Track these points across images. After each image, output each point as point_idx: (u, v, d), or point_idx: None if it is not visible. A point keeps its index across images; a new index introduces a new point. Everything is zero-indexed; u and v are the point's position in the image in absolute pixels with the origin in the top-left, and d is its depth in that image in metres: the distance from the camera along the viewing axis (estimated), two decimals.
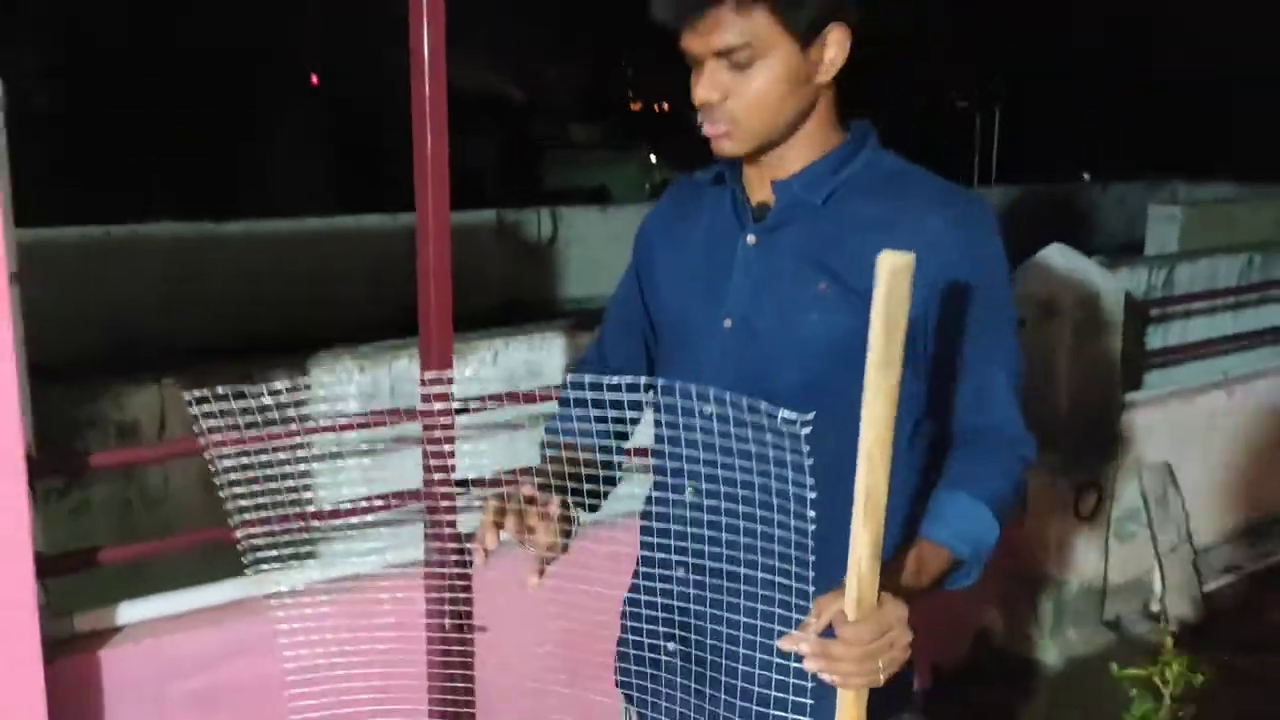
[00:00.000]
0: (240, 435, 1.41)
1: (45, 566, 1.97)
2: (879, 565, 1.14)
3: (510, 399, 1.97)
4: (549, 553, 1.36)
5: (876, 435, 1.02)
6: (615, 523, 2.68)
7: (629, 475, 1.78)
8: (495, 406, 1.89)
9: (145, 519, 2.82)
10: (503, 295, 6.04)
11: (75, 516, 2.06)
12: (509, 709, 2.51)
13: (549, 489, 1.39)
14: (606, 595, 1.89)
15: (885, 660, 1.17)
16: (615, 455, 1.58)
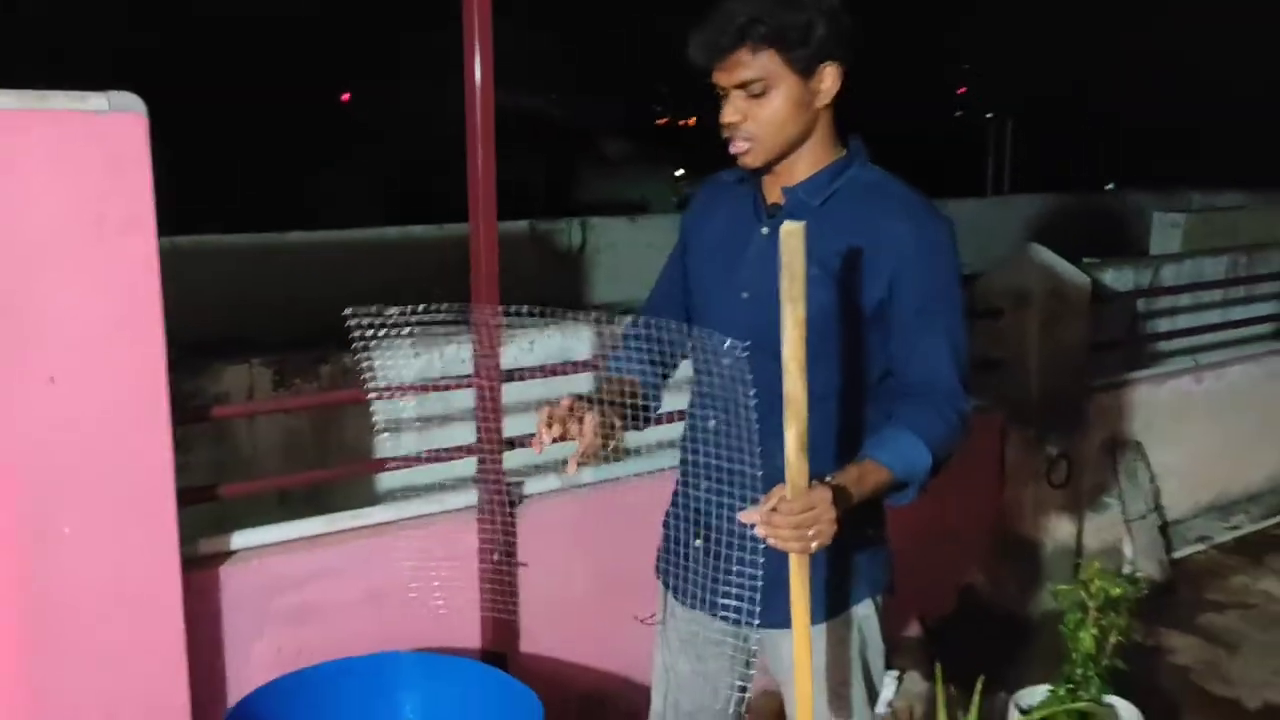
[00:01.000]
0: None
1: (180, 498, 2.45)
2: (805, 456, 1.57)
3: (547, 372, 2.45)
4: (587, 452, 1.73)
5: (792, 352, 1.49)
6: (629, 482, 3.18)
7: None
8: (535, 378, 2.37)
9: (235, 477, 3.26)
10: (537, 298, 6.47)
11: (180, 475, 2.53)
12: (545, 625, 3.00)
13: (595, 404, 1.78)
14: (622, 541, 2.40)
15: (813, 531, 1.58)
16: (652, 385, 1.99)
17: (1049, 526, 4.09)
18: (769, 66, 1.74)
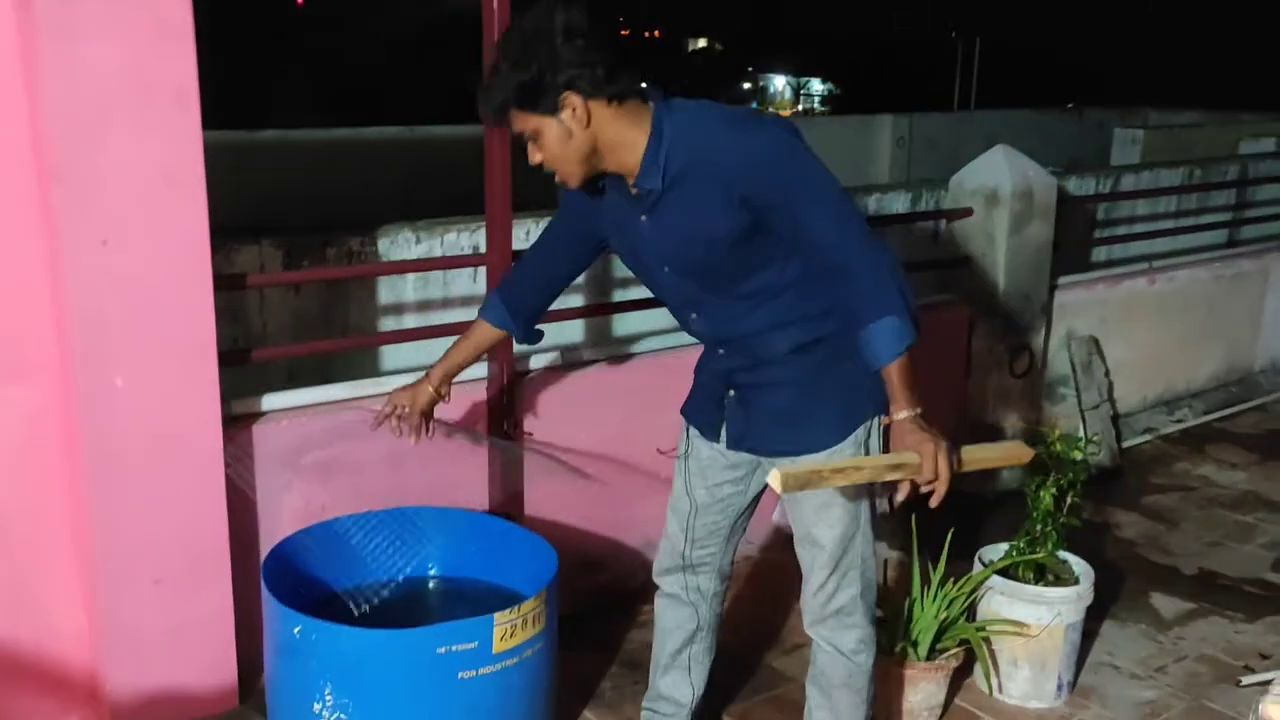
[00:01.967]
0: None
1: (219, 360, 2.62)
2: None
3: None
4: (415, 427, 2.53)
5: None
6: (627, 360, 3.39)
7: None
8: None
9: None
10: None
11: None
12: (545, 492, 3.21)
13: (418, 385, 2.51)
14: (619, 413, 2.66)
15: (943, 463, 1.97)
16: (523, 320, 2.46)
17: (1010, 414, 4.37)
18: (528, 121, 1.99)
